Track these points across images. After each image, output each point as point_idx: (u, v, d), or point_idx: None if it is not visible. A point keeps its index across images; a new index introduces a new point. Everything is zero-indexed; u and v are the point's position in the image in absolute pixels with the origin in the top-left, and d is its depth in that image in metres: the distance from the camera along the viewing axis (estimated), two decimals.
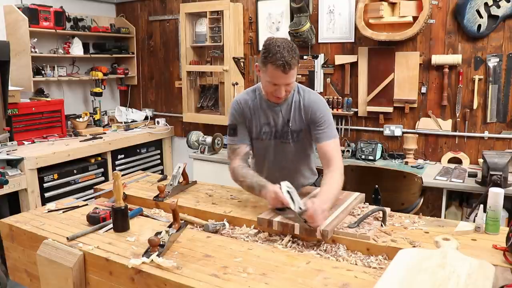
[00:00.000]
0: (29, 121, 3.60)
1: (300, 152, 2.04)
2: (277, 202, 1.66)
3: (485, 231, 1.55)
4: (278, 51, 1.70)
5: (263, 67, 1.78)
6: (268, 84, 1.81)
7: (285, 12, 3.70)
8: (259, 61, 1.81)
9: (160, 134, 4.47)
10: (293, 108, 1.93)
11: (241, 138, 1.99)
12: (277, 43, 1.73)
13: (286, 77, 1.75)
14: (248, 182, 1.87)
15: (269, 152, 2.03)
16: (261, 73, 1.82)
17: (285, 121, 1.94)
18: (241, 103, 1.99)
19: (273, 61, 1.71)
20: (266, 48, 1.75)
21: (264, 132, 1.98)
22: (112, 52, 4.41)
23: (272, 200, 1.68)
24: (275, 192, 1.66)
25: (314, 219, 1.53)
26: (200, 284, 1.24)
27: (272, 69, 1.73)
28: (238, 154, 1.98)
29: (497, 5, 2.86)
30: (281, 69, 1.71)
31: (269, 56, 1.72)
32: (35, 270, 1.62)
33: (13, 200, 3.16)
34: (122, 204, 1.62)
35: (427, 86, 3.23)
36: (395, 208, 1.95)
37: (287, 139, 1.97)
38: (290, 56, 1.71)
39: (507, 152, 2.69)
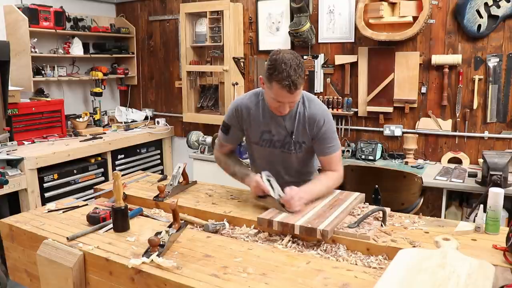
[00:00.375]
0: (29, 121, 3.60)
1: (302, 162, 2.02)
2: (259, 190, 1.80)
3: (485, 231, 1.55)
4: (285, 69, 1.65)
5: (267, 83, 1.74)
6: (272, 100, 1.78)
7: (285, 12, 3.70)
8: (264, 76, 1.76)
9: (160, 134, 4.47)
10: (297, 120, 1.90)
11: (231, 139, 2.06)
12: (284, 59, 1.67)
13: (291, 96, 1.72)
14: (231, 169, 2.02)
15: (269, 159, 2.02)
16: (266, 88, 1.78)
17: (288, 133, 1.92)
18: (242, 110, 1.96)
19: (278, 80, 1.66)
20: (272, 64, 1.69)
21: (264, 139, 1.97)
22: (112, 52, 4.41)
23: (254, 188, 1.82)
24: (256, 181, 1.79)
25: (290, 204, 1.68)
26: (200, 284, 1.24)
27: (277, 88, 1.69)
28: (224, 150, 2.10)
29: (497, 5, 2.86)
30: (287, 89, 1.67)
31: (274, 74, 1.67)
32: (35, 270, 1.62)
33: (13, 200, 3.16)
34: (122, 204, 1.62)
35: (427, 86, 3.23)
36: (395, 208, 1.95)
37: (289, 149, 1.95)
38: (297, 75, 1.66)
39: (507, 152, 2.69)
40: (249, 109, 1.95)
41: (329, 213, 1.66)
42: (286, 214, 1.67)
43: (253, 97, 1.97)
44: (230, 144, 2.07)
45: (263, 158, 2.04)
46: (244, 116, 1.96)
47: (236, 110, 1.97)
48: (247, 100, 1.97)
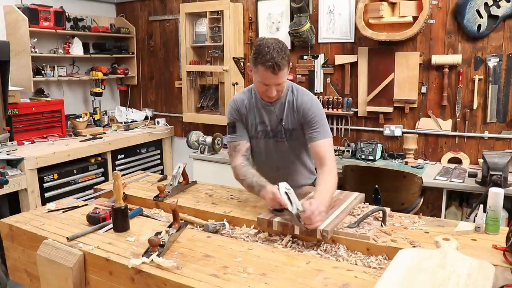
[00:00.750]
0: (29, 121, 3.60)
1: (296, 151, 2.06)
2: (275, 203, 1.67)
3: (485, 231, 1.55)
4: (268, 52, 1.72)
5: (254, 68, 1.81)
6: (259, 84, 1.84)
7: (285, 12, 3.70)
8: (251, 62, 1.82)
9: (160, 134, 4.47)
10: (286, 108, 1.96)
11: (241, 135, 2.02)
12: (267, 44, 1.75)
13: (276, 77, 1.77)
14: (249, 182, 1.87)
15: (265, 151, 2.05)
16: (253, 74, 1.85)
17: (278, 120, 1.97)
18: (237, 102, 2.03)
19: (263, 62, 1.73)
20: (257, 49, 1.77)
21: (259, 131, 2.02)
22: (112, 52, 4.41)
23: (271, 201, 1.69)
24: (273, 193, 1.66)
25: (312, 220, 1.53)
26: (200, 284, 1.24)
27: (262, 70, 1.76)
28: (239, 150, 1.99)
29: (497, 5, 2.86)
30: (271, 70, 1.73)
31: (259, 57, 1.74)
32: (35, 270, 1.62)
33: (13, 200, 3.16)
34: (122, 204, 1.62)
35: (427, 86, 3.23)
36: (395, 208, 1.95)
37: (281, 138, 2.00)
38: (280, 56, 1.73)
39: (507, 152, 2.69)
40: (244, 102, 2.02)
41: (329, 213, 1.66)
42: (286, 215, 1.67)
43: (247, 92, 2.05)
44: (241, 140, 2.01)
45: (260, 152, 2.07)
46: (241, 108, 2.01)
47: (234, 102, 2.04)
48: (241, 94, 2.06)
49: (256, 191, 1.83)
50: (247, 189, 1.94)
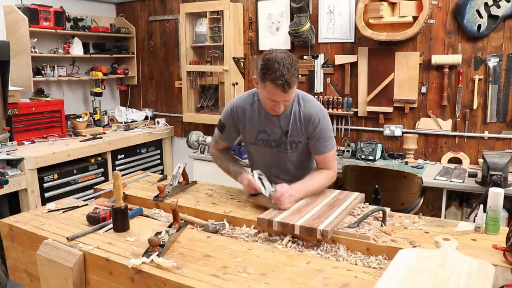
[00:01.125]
0: (29, 121, 3.60)
1: (299, 161, 2.03)
2: (251, 189, 1.84)
3: (485, 231, 1.55)
4: (278, 68, 1.66)
5: (261, 83, 1.75)
6: (266, 99, 1.80)
7: (285, 12, 3.70)
8: (258, 76, 1.77)
9: (160, 134, 4.47)
10: (292, 120, 1.91)
11: (225, 138, 2.11)
12: (277, 59, 1.68)
13: (286, 95, 1.73)
14: (225, 166, 2.07)
15: (266, 159, 2.04)
16: (259, 88, 1.80)
17: (283, 132, 1.93)
18: (237, 111, 1.99)
19: (272, 80, 1.68)
20: (265, 63, 1.70)
21: (260, 139, 2.00)
22: (112, 52, 4.41)
23: (246, 186, 1.87)
24: (248, 179, 1.83)
25: (281, 202, 1.71)
26: (200, 284, 1.24)
27: (271, 87, 1.70)
28: (218, 147, 2.15)
29: (497, 5, 2.86)
30: (281, 88, 1.69)
31: (268, 74, 1.68)
32: (35, 270, 1.62)
33: (13, 200, 3.16)
34: (122, 204, 1.62)
35: (427, 86, 3.23)
36: (395, 208, 1.95)
37: (285, 149, 1.97)
38: (290, 74, 1.68)
39: (507, 152, 2.69)
40: (245, 109, 1.98)
41: (329, 213, 1.66)
42: (287, 214, 1.67)
43: (249, 97, 2.00)
44: (224, 142, 2.12)
45: (260, 158, 2.06)
46: (240, 117, 1.99)
47: (232, 111, 2.01)
48: (243, 100, 2.01)
49: (233, 175, 2.01)
50: (224, 172, 2.10)
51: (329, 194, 1.91)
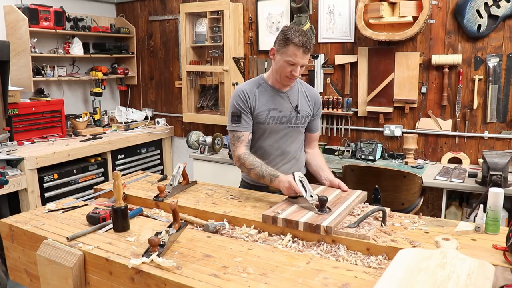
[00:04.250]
0: (29, 121, 3.60)
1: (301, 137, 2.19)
2: (291, 191, 1.81)
3: (485, 231, 1.54)
4: (300, 34, 1.90)
5: (282, 48, 1.92)
6: (285, 64, 1.94)
7: (285, 12, 3.70)
8: (278, 44, 1.95)
9: (160, 134, 4.47)
10: (300, 95, 2.11)
11: (245, 125, 2.06)
12: (296, 29, 1.92)
13: (305, 57, 1.92)
14: (257, 171, 1.95)
15: (275, 136, 2.11)
16: (278, 55, 1.96)
17: (293, 107, 2.08)
18: (246, 91, 2.07)
19: (295, 42, 1.88)
20: (287, 31, 1.91)
21: (271, 117, 2.06)
22: (112, 52, 4.41)
23: (286, 189, 1.82)
24: (289, 182, 1.80)
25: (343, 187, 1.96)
26: (200, 284, 1.24)
27: (294, 48, 1.89)
28: (243, 141, 2.04)
29: (497, 5, 2.86)
30: (303, 49, 1.89)
31: (291, 37, 1.88)
32: (35, 270, 1.62)
33: (13, 200, 3.16)
34: (122, 204, 1.62)
35: (427, 86, 3.24)
36: (395, 208, 1.95)
37: (295, 124, 2.09)
38: (309, 40, 1.92)
39: (507, 152, 2.69)
40: (253, 91, 2.07)
41: (332, 211, 1.68)
42: (290, 212, 1.68)
43: (253, 82, 2.12)
44: (245, 131, 2.05)
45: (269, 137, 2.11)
46: (250, 97, 2.07)
47: (242, 92, 2.07)
48: (249, 84, 2.11)
49: (267, 180, 1.92)
50: (254, 177, 2.01)
51: (332, 192, 1.92)
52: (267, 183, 1.95)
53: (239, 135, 2.04)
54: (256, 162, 1.97)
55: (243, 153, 2.01)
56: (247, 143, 2.05)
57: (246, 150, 2.04)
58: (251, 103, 2.05)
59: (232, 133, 2.07)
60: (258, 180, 1.99)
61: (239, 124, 2.04)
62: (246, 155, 2.01)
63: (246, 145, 2.05)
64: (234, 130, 2.05)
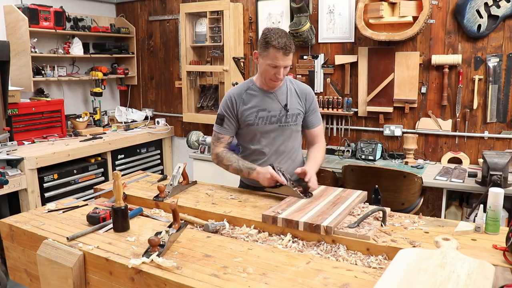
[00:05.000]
0: (29, 121, 3.60)
1: (296, 136, 2.18)
2: (272, 182, 1.92)
3: (485, 231, 1.55)
4: (279, 35, 1.91)
5: (263, 52, 1.94)
6: (268, 67, 1.96)
7: (285, 12, 3.70)
8: (259, 47, 1.97)
9: (160, 134, 4.47)
10: (289, 94, 2.12)
11: (227, 130, 2.14)
12: (276, 31, 1.94)
13: (286, 59, 1.93)
14: (235, 165, 2.07)
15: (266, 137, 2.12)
16: (261, 59, 1.98)
17: (282, 106, 2.10)
18: (234, 97, 2.11)
19: (275, 45, 1.89)
20: (266, 34, 1.93)
21: (260, 118, 2.09)
22: (112, 52, 4.41)
23: (268, 180, 1.93)
24: (270, 173, 1.91)
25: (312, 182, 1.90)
26: (200, 284, 1.24)
27: (273, 51, 1.90)
28: (222, 142, 2.15)
29: (497, 5, 2.86)
30: (283, 51, 1.90)
31: (270, 41, 1.90)
32: (35, 270, 1.62)
33: (13, 200, 3.16)
34: (122, 204, 1.62)
35: (427, 86, 3.24)
36: (395, 208, 1.95)
37: (286, 122, 2.10)
38: (289, 41, 1.92)
39: (507, 152, 2.69)
40: (241, 94, 2.11)
41: (332, 210, 1.68)
42: (290, 212, 1.68)
43: (244, 84, 2.16)
44: (226, 135, 2.14)
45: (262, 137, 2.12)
46: (238, 102, 2.10)
47: (229, 99, 2.12)
48: (238, 88, 2.15)
49: (245, 173, 2.04)
50: (232, 172, 2.11)
51: (332, 192, 1.92)
52: (245, 176, 2.07)
53: (220, 136, 2.15)
54: (232, 158, 2.09)
55: (221, 151, 2.13)
56: (226, 145, 2.15)
57: (224, 148, 2.14)
58: (237, 107, 2.10)
59: (213, 133, 2.18)
60: (237, 174, 2.10)
61: (221, 128, 2.14)
62: (224, 152, 2.12)
63: (225, 146, 2.15)
64: (216, 131, 2.16)
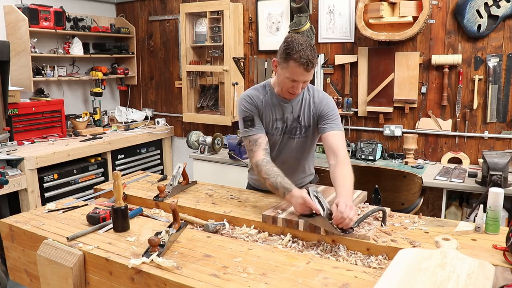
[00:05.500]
0: (29, 121, 3.60)
1: (305, 148, 2.08)
2: (305, 209, 1.61)
3: (485, 231, 1.55)
4: (302, 49, 1.73)
5: (283, 63, 1.79)
6: (286, 80, 1.82)
7: (285, 12, 3.70)
8: (279, 57, 1.81)
9: (160, 134, 4.47)
10: (303, 105, 1.98)
11: (260, 128, 1.95)
12: (300, 41, 1.76)
13: (307, 74, 1.78)
14: (272, 181, 1.78)
15: (276, 147, 2.05)
16: (280, 69, 1.83)
17: (295, 117, 1.98)
18: (253, 97, 1.98)
19: (296, 58, 1.73)
20: (289, 44, 1.76)
21: (276, 128, 2.00)
22: (112, 52, 4.41)
23: (300, 206, 1.62)
24: (303, 198, 1.60)
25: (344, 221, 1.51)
26: (200, 284, 1.24)
27: (294, 66, 1.75)
28: (260, 144, 1.91)
29: (497, 5, 2.86)
30: (304, 67, 1.74)
31: (292, 53, 1.74)
32: (35, 270, 1.62)
33: (13, 200, 3.16)
34: (122, 204, 1.62)
35: (427, 86, 3.23)
36: (395, 208, 1.95)
37: (295, 134, 2.01)
38: (312, 55, 1.75)
39: (507, 152, 2.69)
40: (260, 98, 1.98)
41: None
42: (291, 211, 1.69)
43: (260, 89, 2.01)
44: (261, 133, 1.94)
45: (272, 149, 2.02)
46: (257, 103, 1.97)
47: (249, 97, 1.98)
48: (256, 90, 2.01)
49: (280, 193, 1.76)
50: (269, 188, 1.84)
51: (332, 192, 1.91)
52: (280, 197, 1.79)
53: (256, 138, 1.91)
54: (272, 172, 1.80)
55: (261, 160, 1.86)
56: (266, 146, 1.91)
57: (265, 156, 1.88)
58: (258, 107, 1.96)
59: (247, 139, 1.94)
60: (273, 191, 1.84)
61: (253, 128, 1.92)
62: (264, 162, 1.85)
63: (265, 149, 1.90)
64: (249, 135, 1.93)
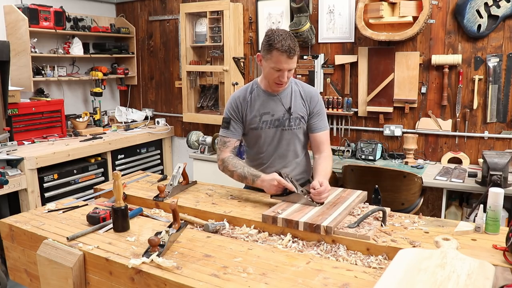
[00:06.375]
0: (29, 121, 3.60)
1: (301, 140, 2.13)
2: (279, 189, 1.83)
3: (485, 231, 1.55)
4: (283, 38, 1.84)
5: (267, 54, 1.89)
6: (271, 70, 1.91)
7: (285, 12, 3.70)
8: (263, 50, 1.92)
9: (160, 134, 4.47)
10: (293, 96, 2.06)
11: (233, 133, 2.09)
12: (280, 32, 1.87)
13: (290, 62, 1.88)
14: (239, 172, 1.99)
15: (269, 141, 2.09)
16: (264, 61, 1.93)
17: (285, 109, 2.05)
18: (239, 99, 2.08)
19: (278, 48, 1.83)
20: (270, 37, 1.86)
21: (263, 121, 2.06)
22: (112, 52, 4.41)
23: (274, 187, 1.83)
24: (277, 180, 1.81)
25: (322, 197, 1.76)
26: (200, 284, 1.24)
27: (277, 54, 1.85)
28: (228, 146, 2.08)
29: (497, 5, 2.86)
30: (287, 54, 1.84)
31: (274, 43, 1.84)
32: (35, 270, 1.62)
33: (13, 200, 3.16)
34: (122, 204, 1.62)
35: (427, 86, 3.24)
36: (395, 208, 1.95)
37: (288, 126, 2.06)
38: (293, 43, 1.86)
39: (507, 152, 2.69)
40: (245, 97, 2.08)
41: (332, 211, 1.69)
42: (290, 212, 1.68)
43: (248, 87, 2.13)
44: (232, 138, 2.09)
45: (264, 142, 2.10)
46: (242, 105, 2.07)
47: (234, 102, 2.09)
48: (242, 91, 2.12)
49: (249, 180, 1.95)
50: (237, 179, 2.02)
51: (332, 192, 1.92)
52: (250, 184, 1.97)
53: (226, 140, 2.09)
54: (238, 164, 2.01)
55: (227, 157, 2.06)
56: (233, 149, 2.09)
57: (231, 153, 2.07)
58: (243, 110, 2.07)
59: (220, 138, 2.12)
60: (242, 182, 2.02)
61: (227, 131, 2.08)
62: (230, 158, 2.05)
63: (231, 151, 2.08)
64: (222, 135, 2.10)
